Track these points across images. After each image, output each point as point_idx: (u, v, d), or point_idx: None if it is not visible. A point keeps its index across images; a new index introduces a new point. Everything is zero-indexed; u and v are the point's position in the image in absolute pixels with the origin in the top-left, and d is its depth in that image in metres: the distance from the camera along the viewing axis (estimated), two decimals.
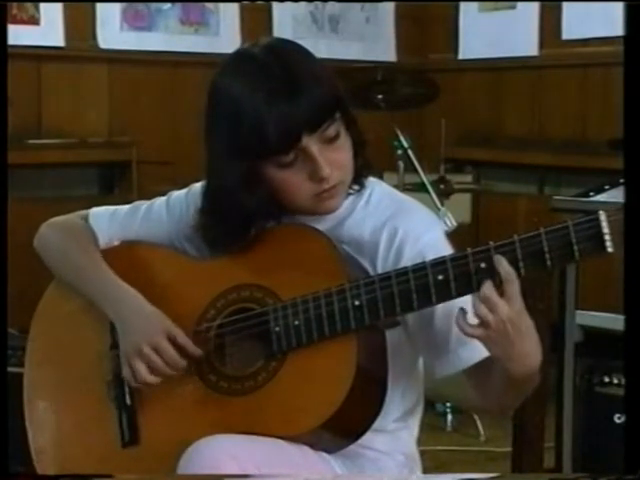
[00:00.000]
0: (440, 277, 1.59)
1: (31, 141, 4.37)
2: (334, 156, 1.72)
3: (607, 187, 2.79)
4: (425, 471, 1.92)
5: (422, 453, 1.92)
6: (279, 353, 1.70)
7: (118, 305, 1.83)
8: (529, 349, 1.61)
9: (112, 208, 2.00)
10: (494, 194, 4.93)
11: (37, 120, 4.48)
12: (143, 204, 1.98)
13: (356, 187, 1.80)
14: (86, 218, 1.99)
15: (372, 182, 1.83)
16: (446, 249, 1.72)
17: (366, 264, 1.75)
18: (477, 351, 1.67)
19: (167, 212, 1.93)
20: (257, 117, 1.67)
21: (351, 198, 1.81)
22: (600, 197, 2.74)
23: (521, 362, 1.61)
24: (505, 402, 1.75)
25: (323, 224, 1.77)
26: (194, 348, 1.76)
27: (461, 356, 1.70)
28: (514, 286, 1.56)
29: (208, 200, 1.80)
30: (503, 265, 1.55)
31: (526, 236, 1.56)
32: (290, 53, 1.73)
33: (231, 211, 1.76)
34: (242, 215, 1.76)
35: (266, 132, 1.67)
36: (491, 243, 1.58)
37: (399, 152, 3.94)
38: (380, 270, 1.72)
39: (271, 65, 1.69)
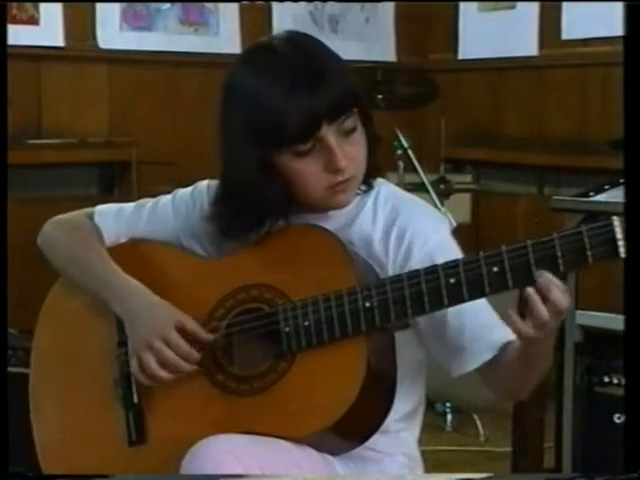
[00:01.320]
0: (452, 280, 1.59)
1: (31, 141, 4.36)
2: (350, 149, 1.73)
3: (607, 187, 2.79)
4: (425, 471, 1.92)
5: (422, 453, 1.91)
6: (288, 354, 1.70)
7: (125, 300, 1.82)
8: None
9: (117, 206, 1.99)
10: (494, 194, 4.93)
11: (37, 120, 4.48)
12: (148, 202, 1.97)
13: (364, 187, 1.81)
14: (91, 216, 1.98)
15: (379, 182, 1.84)
16: (453, 249, 1.73)
17: (374, 264, 1.75)
18: (490, 348, 1.70)
19: (173, 210, 1.93)
20: (278, 105, 1.68)
21: (358, 198, 1.81)
22: (600, 197, 2.74)
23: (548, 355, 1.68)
24: (519, 387, 1.77)
25: (332, 224, 1.78)
26: (205, 334, 1.76)
27: (475, 354, 1.72)
28: (563, 286, 1.58)
29: (223, 190, 1.80)
30: (546, 275, 1.56)
31: (539, 241, 1.56)
32: (309, 45, 1.75)
33: (246, 201, 1.76)
34: (257, 205, 1.76)
35: (287, 120, 1.68)
36: (503, 247, 1.58)
37: (399, 152, 3.95)
38: (389, 270, 1.73)
39: (291, 55, 1.71)
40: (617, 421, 2.65)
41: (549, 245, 1.55)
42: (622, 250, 1.51)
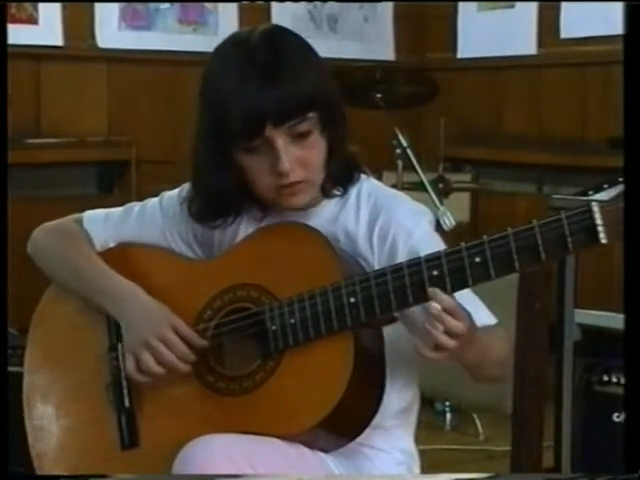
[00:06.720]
0: (435, 272, 1.59)
1: (30, 141, 4.37)
2: (300, 153, 1.71)
3: (606, 186, 2.80)
4: (424, 470, 1.92)
5: (421, 452, 1.91)
6: (276, 352, 1.70)
7: (120, 301, 1.82)
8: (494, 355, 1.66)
9: (105, 210, 1.99)
10: (493, 193, 4.93)
11: (36, 120, 4.49)
12: (136, 205, 1.97)
13: (341, 189, 1.79)
14: (80, 221, 1.98)
15: (361, 178, 1.82)
16: (436, 241, 1.73)
17: (360, 259, 1.75)
18: None
19: (161, 212, 1.92)
20: (227, 100, 1.69)
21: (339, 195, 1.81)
22: (599, 196, 2.75)
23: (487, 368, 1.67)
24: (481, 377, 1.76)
25: (315, 221, 1.78)
26: (198, 339, 1.76)
27: None
28: (458, 310, 1.57)
29: (193, 175, 1.82)
30: (441, 296, 1.56)
31: (519, 229, 1.56)
32: (281, 43, 1.73)
33: (204, 188, 1.79)
34: (213, 193, 1.78)
35: (232, 116, 1.68)
36: (485, 237, 1.58)
37: (398, 151, 3.94)
38: (375, 267, 1.73)
39: (257, 51, 1.69)
40: (616, 420, 2.65)
41: (530, 233, 1.55)
42: (602, 236, 1.51)
